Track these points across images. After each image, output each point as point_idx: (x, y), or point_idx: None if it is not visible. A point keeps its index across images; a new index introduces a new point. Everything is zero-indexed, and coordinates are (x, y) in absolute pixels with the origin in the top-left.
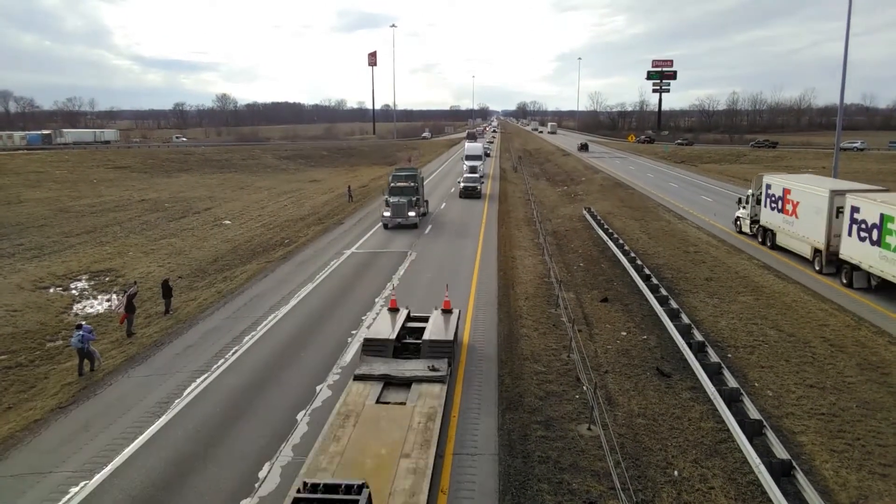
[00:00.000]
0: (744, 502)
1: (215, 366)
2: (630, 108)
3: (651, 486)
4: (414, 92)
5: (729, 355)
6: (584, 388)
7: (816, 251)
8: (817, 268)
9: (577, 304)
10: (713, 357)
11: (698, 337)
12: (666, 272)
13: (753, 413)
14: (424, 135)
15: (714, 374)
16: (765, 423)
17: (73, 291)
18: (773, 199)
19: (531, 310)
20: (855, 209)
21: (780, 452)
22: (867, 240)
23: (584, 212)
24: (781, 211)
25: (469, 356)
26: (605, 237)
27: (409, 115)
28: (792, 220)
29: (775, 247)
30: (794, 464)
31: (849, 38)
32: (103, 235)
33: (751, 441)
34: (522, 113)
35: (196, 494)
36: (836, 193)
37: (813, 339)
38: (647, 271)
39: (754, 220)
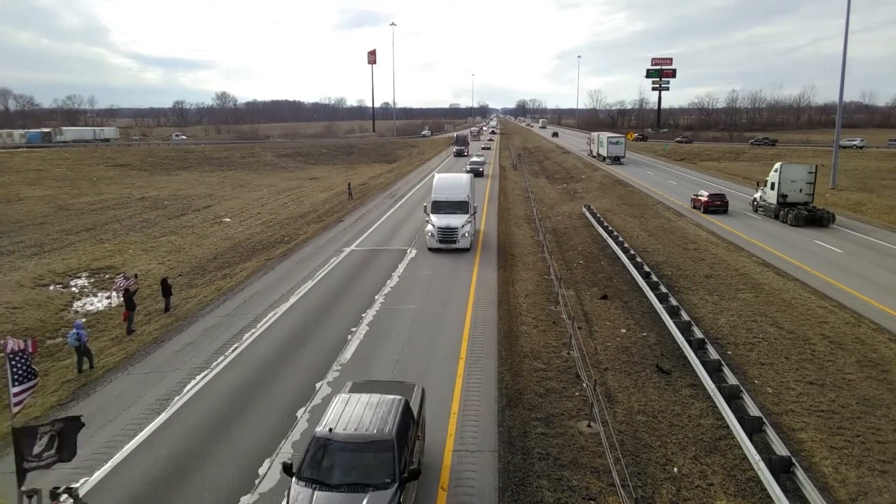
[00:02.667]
0: (743, 499)
1: (215, 363)
2: (630, 106)
3: (651, 482)
4: (414, 90)
5: (729, 352)
6: (584, 385)
7: (597, 154)
8: (600, 160)
9: (576, 302)
10: (713, 354)
11: (698, 334)
12: (665, 269)
13: (753, 410)
14: (424, 133)
15: (714, 371)
16: (764, 419)
17: (73, 289)
18: (592, 142)
19: (531, 307)
20: (599, 138)
21: (780, 449)
22: (601, 147)
23: (584, 209)
24: (593, 144)
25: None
26: (604, 234)
27: (408, 112)
28: (594, 146)
29: (594, 157)
30: (794, 460)
31: (848, 35)
32: (103, 233)
33: (750, 438)
34: (522, 111)
35: (196, 491)
36: (597, 134)
37: (812, 337)
38: (646, 268)
39: (590, 150)
